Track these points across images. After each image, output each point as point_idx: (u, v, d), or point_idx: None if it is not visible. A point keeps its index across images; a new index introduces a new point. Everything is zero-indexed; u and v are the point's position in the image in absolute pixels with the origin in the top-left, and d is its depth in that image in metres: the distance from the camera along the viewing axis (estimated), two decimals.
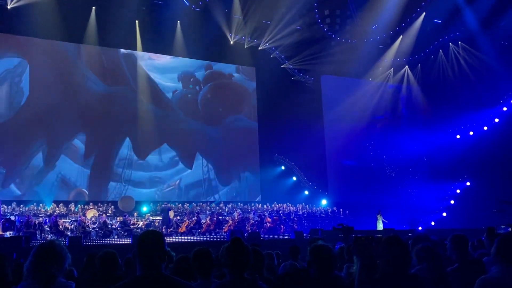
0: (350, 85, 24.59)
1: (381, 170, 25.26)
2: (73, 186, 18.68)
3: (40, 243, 2.20)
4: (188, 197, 20.60)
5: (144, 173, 20.06)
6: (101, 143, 19.47)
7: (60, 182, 18.54)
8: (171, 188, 20.55)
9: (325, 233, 14.13)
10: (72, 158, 18.81)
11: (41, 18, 18.34)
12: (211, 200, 20.92)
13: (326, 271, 2.79)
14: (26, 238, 12.16)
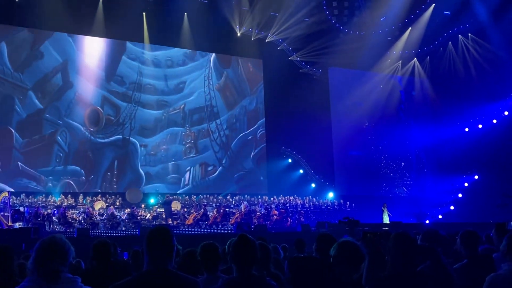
0: (358, 77, 24.43)
1: (388, 162, 25.16)
2: (89, 104, 19.52)
3: (41, 239, 2.19)
4: (192, 120, 21.45)
5: (152, 96, 20.84)
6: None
7: (77, 100, 19.32)
8: (177, 111, 21.23)
9: (332, 226, 14.13)
10: (89, 80, 19.71)
11: (49, 10, 18.39)
12: (217, 193, 20.97)
13: (352, 272, 2.68)
14: (35, 229, 12.28)
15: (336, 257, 2.78)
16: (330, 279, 2.72)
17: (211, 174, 21.48)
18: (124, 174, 19.81)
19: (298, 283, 2.96)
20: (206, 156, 21.49)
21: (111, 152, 19.69)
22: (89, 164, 19.16)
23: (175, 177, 20.71)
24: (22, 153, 18.08)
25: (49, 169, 18.40)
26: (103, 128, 19.65)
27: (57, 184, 18.39)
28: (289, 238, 10.14)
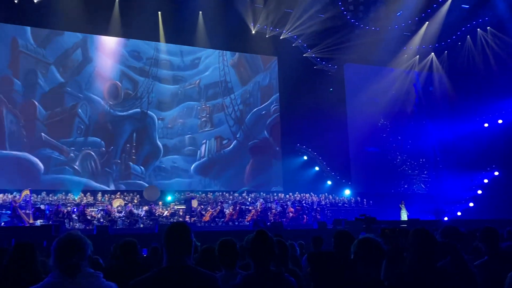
0: (374, 73, 24.18)
1: (405, 159, 24.88)
2: (108, 79, 20.28)
3: (58, 237, 2.25)
4: (207, 95, 21.98)
5: (168, 72, 21.45)
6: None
7: (96, 75, 20.06)
8: (192, 86, 21.78)
9: (349, 223, 14.05)
10: (107, 56, 20.49)
11: (66, 11, 18.70)
12: (234, 190, 21.06)
13: (373, 269, 2.66)
14: (56, 226, 12.50)
15: (358, 254, 2.76)
16: (350, 275, 2.71)
17: (226, 147, 21.95)
18: (143, 146, 20.43)
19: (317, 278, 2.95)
20: (221, 130, 22.02)
21: (129, 124, 20.36)
22: (108, 136, 19.83)
23: (191, 150, 21.25)
24: (46, 124, 18.88)
25: (70, 140, 19.16)
26: (121, 102, 20.34)
27: (79, 155, 19.10)
28: (305, 235, 10.12)
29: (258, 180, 22.06)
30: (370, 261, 2.69)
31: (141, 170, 20.06)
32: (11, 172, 17.82)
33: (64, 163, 18.80)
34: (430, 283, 2.64)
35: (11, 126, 18.31)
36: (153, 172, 20.29)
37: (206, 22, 21.21)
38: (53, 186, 18.18)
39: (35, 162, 18.31)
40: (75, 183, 18.63)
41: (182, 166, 20.83)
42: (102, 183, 19.29)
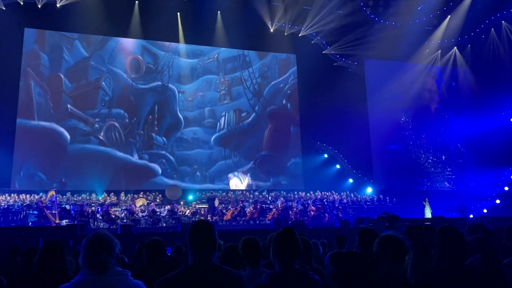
0: (395, 68, 23.84)
1: (428, 156, 24.46)
2: (130, 53, 21.00)
3: (86, 236, 2.30)
4: (226, 69, 22.46)
5: (188, 46, 21.96)
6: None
7: (118, 49, 20.89)
8: (211, 60, 22.36)
9: (371, 221, 13.87)
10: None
11: (88, 14, 19.08)
12: (254, 189, 21.11)
13: (397, 266, 2.63)
14: (81, 226, 12.73)
15: (379, 252, 2.73)
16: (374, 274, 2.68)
17: (245, 120, 22.37)
18: (164, 118, 21.05)
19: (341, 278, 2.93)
20: (240, 102, 22.48)
21: (151, 97, 21.03)
22: (131, 108, 20.54)
23: (211, 122, 21.84)
24: (71, 96, 19.74)
25: (95, 112, 20.00)
26: (143, 75, 21.02)
27: (103, 126, 19.88)
28: (327, 234, 10.05)
29: (276, 145, 22.38)
30: (393, 258, 2.67)
31: (163, 141, 20.73)
32: (40, 142, 18.72)
33: (90, 133, 19.66)
34: (459, 282, 2.59)
35: (39, 98, 19.27)
36: (174, 143, 20.94)
37: (225, 21, 21.31)
38: (78, 158, 19.13)
39: (62, 133, 19.24)
40: (100, 154, 19.48)
41: (203, 137, 21.43)
42: (126, 152, 20.03)
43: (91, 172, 18.88)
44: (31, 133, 18.72)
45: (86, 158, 19.16)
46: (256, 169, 21.78)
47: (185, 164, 20.81)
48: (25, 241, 9.96)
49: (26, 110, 18.92)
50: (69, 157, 19.04)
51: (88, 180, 18.90)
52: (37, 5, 19.19)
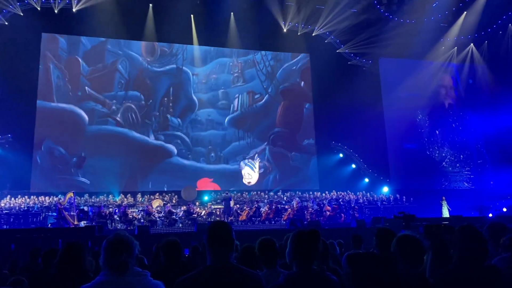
0: (410, 66, 23.58)
1: (445, 154, 24.13)
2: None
3: (107, 237, 2.34)
4: (239, 52, 22.53)
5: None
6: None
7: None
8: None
9: (388, 221, 13.75)
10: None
11: (103, 18, 19.35)
12: (269, 189, 21.11)
13: (415, 266, 2.61)
14: (99, 227, 12.91)
15: (397, 252, 2.71)
16: (392, 275, 2.66)
17: (258, 102, 22.59)
18: (179, 100, 21.46)
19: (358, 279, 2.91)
20: (253, 85, 22.75)
21: (166, 80, 21.50)
22: (147, 90, 21.03)
23: (224, 103, 22.13)
24: (88, 79, 20.35)
25: (112, 94, 20.56)
26: (158, 59, 21.39)
27: (120, 108, 20.41)
28: (343, 234, 10.00)
29: (290, 122, 22.58)
30: (411, 258, 2.64)
31: (178, 122, 21.18)
32: (59, 122, 19.38)
33: (107, 115, 20.22)
34: (479, 282, 2.55)
35: (57, 81, 19.90)
36: (189, 124, 21.37)
37: (238, 22, 21.37)
38: (96, 138, 19.73)
39: (81, 114, 19.80)
40: (118, 134, 20.07)
41: (217, 119, 21.78)
42: (142, 133, 20.55)
43: (109, 152, 19.54)
44: (51, 114, 19.40)
45: (104, 139, 19.82)
46: (270, 147, 21.99)
47: (200, 145, 21.27)
48: (45, 243, 10.14)
49: (45, 92, 19.55)
50: (88, 137, 19.70)
51: (106, 161, 19.47)
52: (54, 10, 19.54)
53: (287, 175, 22.08)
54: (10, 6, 18.77)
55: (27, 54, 18.88)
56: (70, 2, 19.55)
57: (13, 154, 18.27)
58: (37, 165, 18.82)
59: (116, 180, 19.47)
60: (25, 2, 19.03)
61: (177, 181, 20.01)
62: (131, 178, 19.90)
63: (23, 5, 19.06)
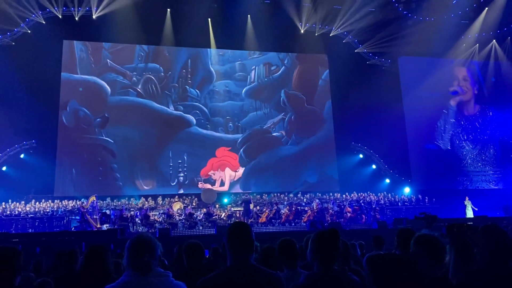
0: (431, 65, 23.22)
1: (468, 153, 23.65)
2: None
3: (130, 238, 2.39)
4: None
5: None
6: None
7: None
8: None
9: (410, 222, 13.56)
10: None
11: (122, 24, 19.69)
12: (288, 191, 21.05)
13: (435, 266, 2.58)
14: (121, 230, 13.12)
15: (416, 252, 2.67)
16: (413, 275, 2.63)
17: (274, 73, 22.89)
18: (197, 72, 22.03)
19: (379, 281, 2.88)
20: (269, 57, 23.03)
21: (185, 52, 22.06)
22: (166, 62, 21.70)
23: (241, 75, 22.56)
24: (110, 52, 21.07)
25: (133, 66, 21.25)
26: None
27: (141, 79, 21.11)
28: (365, 235, 9.90)
29: (305, 86, 22.81)
30: (430, 258, 2.59)
31: (196, 93, 21.72)
32: (83, 92, 20.26)
33: (128, 86, 20.85)
34: (505, 282, 2.49)
35: (80, 53, 20.63)
36: (207, 95, 21.89)
37: (255, 25, 21.43)
38: (118, 108, 20.50)
39: (103, 85, 20.57)
40: (139, 105, 20.79)
41: (234, 90, 22.21)
42: (162, 104, 21.21)
43: (131, 121, 20.35)
44: (75, 84, 20.27)
45: (126, 109, 20.63)
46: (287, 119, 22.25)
47: (218, 115, 21.78)
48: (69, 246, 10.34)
49: (69, 65, 20.31)
50: (110, 107, 20.47)
51: (128, 130, 20.24)
52: (75, 17, 19.97)
53: (304, 135, 22.50)
54: (33, 15, 19.28)
55: (49, 61, 19.33)
56: (90, 9, 19.94)
57: (37, 159, 18.74)
58: (63, 125, 19.73)
59: (137, 148, 20.25)
60: (47, 10, 19.51)
61: (196, 150, 20.82)
62: (152, 146, 20.58)
63: (45, 13, 19.54)
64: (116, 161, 20.02)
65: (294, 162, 22.00)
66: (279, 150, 22.19)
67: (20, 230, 16.00)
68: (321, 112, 22.94)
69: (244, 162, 21.60)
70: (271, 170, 21.67)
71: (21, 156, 19.04)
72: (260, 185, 21.43)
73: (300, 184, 21.77)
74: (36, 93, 18.61)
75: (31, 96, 18.46)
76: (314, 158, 22.25)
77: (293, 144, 22.37)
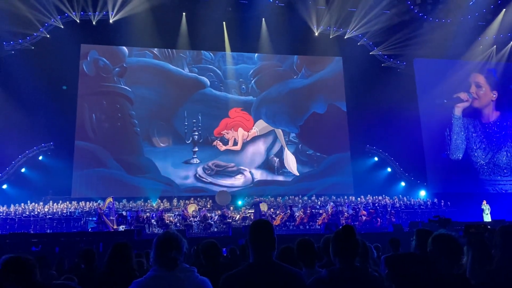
0: (447, 67, 23.01)
1: (485, 156, 23.32)
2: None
3: (157, 235, 2.48)
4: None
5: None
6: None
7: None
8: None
9: (425, 225, 13.45)
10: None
11: (138, 28, 19.99)
12: (302, 194, 21.04)
13: (452, 263, 2.59)
14: (138, 231, 13.28)
15: (433, 251, 2.69)
16: (431, 274, 2.65)
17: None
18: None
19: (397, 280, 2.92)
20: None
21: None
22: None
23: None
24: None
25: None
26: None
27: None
28: (380, 238, 9.86)
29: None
30: (447, 256, 2.60)
31: (210, 56, 22.25)
32: (101, 53, 21.01)
33: (145, 48, 21.42)
34: None
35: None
36: (221, 58, 22.33)
37: (269, 28, 21.54)
38: (135, 69, 21.08)
39: (120, 48, 21.26)
40: (155, 66, 21.34)
41: (247, 54, 22.66)
42: (177, 66, 21.66)
43: (147, 82, 20.94)
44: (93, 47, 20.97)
45: (143, 70, 21.20)
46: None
47: (231, 78, 22.15)
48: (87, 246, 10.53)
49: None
50: (128, 68, 21.09)
51: (144, 89, 20.93)
52: (92, 22, 20.33)
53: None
54: (52, 20, 19.69)
55: (67, 65, 19.68)
56: (107, 13, 20.28)
57: (55, 161, 19.10)
58: (83, 73, 20.55)
59: (153, 107, 20.87)
60: (65, 15, 19.91)
61: (210, 110, 21.41)
62: (167, 106, 21.14)
63: (63, 18, 19.94)
64: (133, 110, 20.81)
65: (303, 94, 22.59)
66: (289, 82, 22.69)
67: (39, 230, 16.30)
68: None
69: (256, 92, 22.24)
70: (281, 102, 22.28)
71: (40, 158, 19.42)
72: (270, 116, 22.07)
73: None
74: (54, 96, 18.98)
75: (50, 99, 18.82)
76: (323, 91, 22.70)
77: (302, 78, 22.83)
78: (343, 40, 22.58)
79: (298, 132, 22.30)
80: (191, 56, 21.96)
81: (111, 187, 19.41)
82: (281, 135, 22.10)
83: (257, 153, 21.78)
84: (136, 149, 20.52)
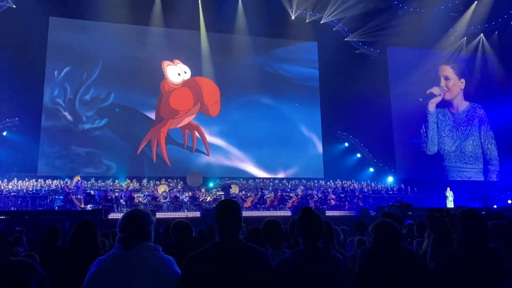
0: (419, 56, 23.40)
1: (451, 145, 24.05)
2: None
3: (126, 211, 2.42)
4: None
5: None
6: None
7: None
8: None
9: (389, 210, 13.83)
10: None
11: (111, 3, 19.31)
12: (273, 177, 21.20)
13: (393, 248, 2.64)
14: (105, 211, 13.09)
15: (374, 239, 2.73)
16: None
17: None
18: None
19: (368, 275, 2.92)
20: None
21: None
22: None
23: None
24: None
25: None
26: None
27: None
28: (347, 222, 10.07)
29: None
30: (390, 243, 2.65)
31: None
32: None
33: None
34: (480, 265, 2.61)
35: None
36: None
37: (246, 9, 21.22)
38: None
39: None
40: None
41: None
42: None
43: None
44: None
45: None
46: None
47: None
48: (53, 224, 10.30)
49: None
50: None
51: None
52: None
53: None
54: None
55: (35, 38, 18.92)
56: None
57: (20, 137, 18.48)
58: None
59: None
60: None
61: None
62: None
63: None
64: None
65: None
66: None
67: (2, 208, 15.82)
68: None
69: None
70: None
71: (4, 133, 18.75)
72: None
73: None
74: (21, 70, 18.25)
75: (15, 73, 18.11)
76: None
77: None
78: (319, 25, 22.56)
79: None
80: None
81: (79, 165, 19.01)
82: None
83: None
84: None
